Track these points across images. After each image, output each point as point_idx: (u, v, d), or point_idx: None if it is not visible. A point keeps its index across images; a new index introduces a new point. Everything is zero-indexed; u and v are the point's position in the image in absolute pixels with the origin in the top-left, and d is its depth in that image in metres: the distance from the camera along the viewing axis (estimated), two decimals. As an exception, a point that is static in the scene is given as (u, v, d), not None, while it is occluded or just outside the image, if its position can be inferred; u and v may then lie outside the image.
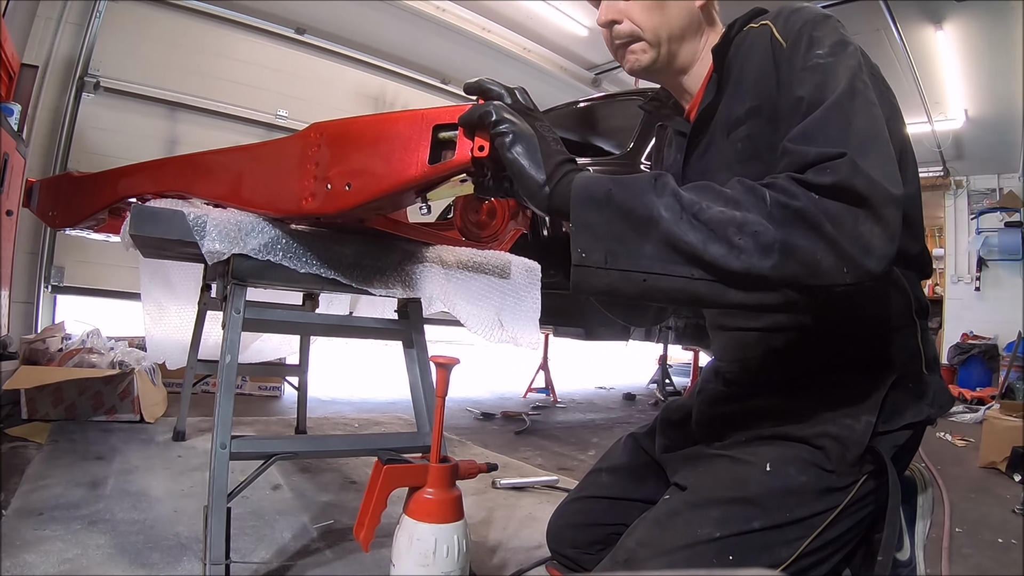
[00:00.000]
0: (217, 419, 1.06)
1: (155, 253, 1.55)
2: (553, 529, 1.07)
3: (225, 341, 1.10)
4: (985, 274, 6.11)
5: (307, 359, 2.24)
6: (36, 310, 3.22)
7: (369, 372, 4.27)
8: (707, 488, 0.81)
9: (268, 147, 1.18)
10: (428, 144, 0.80)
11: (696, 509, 0.79)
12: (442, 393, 0.97)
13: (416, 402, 1.31)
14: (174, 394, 2.52)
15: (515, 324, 1.28)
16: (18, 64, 2.60)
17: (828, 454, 0.78)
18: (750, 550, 0.75)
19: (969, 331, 6.10)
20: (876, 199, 0.60)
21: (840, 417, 0.78)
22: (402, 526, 0.94)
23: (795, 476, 0.77)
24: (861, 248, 0.60)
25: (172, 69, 3.64)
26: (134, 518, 1.36)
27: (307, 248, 1.12)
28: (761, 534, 0.75)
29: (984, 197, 6.12)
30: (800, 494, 0.77)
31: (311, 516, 1.47)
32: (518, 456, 2.32)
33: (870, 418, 0.77)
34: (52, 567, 1.10)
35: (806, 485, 0.77)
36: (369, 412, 2.97)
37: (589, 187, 0.67)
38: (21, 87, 2.58)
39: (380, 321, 1.38)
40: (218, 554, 1.00)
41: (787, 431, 0.81)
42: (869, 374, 0.81)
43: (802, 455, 0.79)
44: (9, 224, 2.26)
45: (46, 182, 1.90)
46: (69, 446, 1.86)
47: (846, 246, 0.60)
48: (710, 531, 0.75)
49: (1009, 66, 4.04)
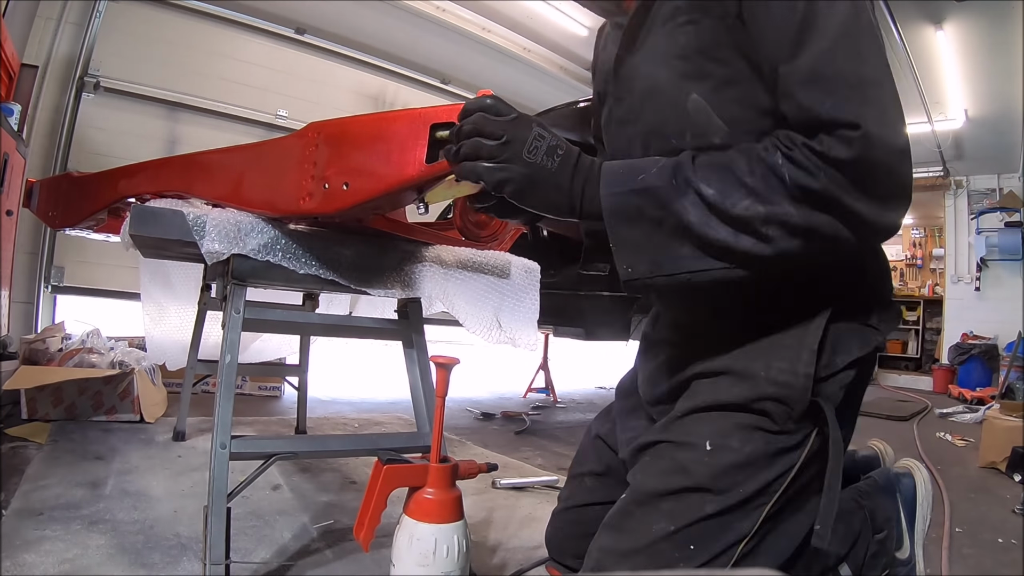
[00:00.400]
0: (217, 419, 1.06)
1: (155, 253, 1.55)
2: (553, 541, 1.05)
3: (225, 341, 1.10)
4: (985, 274, 6.12)
5: (307, 359, 2.24)
6: (36, 310, 3.22)
7: (369, 372, 4.27)
8: (653, 482, 0.78)
9: (266, 147, 1.18)
10: (425, 143, 0.80)
11: (646, 506, 0.77)
12: (442, 393, 0.97)
13: (416, 402, 1.30)
14: (174, 394, 2.52)
15: (514, 324, 1.28)
16: (18, 64, 2.60)
17: (771, 416, 0.74)
18: (709, 535, 0.73)
19: (969, 331, 6.10)
20: (891, 160, 0.62)
21: (778, 373, 0.74)
22: (402, 526, 0.94)
23: (739, 448, 0.74)
24: (879, 210, 0.63)
25: (172, 69, 3.64)
26: (134, 518, 1.36)
27: (306, 248, 1.12)
28: (718, 517, 0.73)
29: (984, 197, 6.12)
30: (749, 466, 0.73)
31: (311, 516, 1.47)
32: (518, 456, 2.32)
33: (808, 369, 0.73)
34: (52, 567, 1.10)
35: (753, 454, 0.74)
36: (369, 412, 2.97)
37: (618, 204, 0.70)
38: (21, 87, 2.58)
39: (380, 321, 1.38)
40: (218, 554, 1.00)
41: (723, 398, 0.77)
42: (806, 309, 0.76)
43: (743, 423, 0.75)
44: (9, 224, 2.26)
45: (46, 182, 1.91)
46: (69, 446, 1.86)
47: (866, 214, 0.62)
48: (664, 526, 0.73)
49: (1009, 66, 4.04)
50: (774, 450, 0.74)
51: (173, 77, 3.64)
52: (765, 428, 0.74)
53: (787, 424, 0.74)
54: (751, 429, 0.75)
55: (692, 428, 0.78)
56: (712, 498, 0.73)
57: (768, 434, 0.74)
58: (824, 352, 0.74)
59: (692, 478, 0.75)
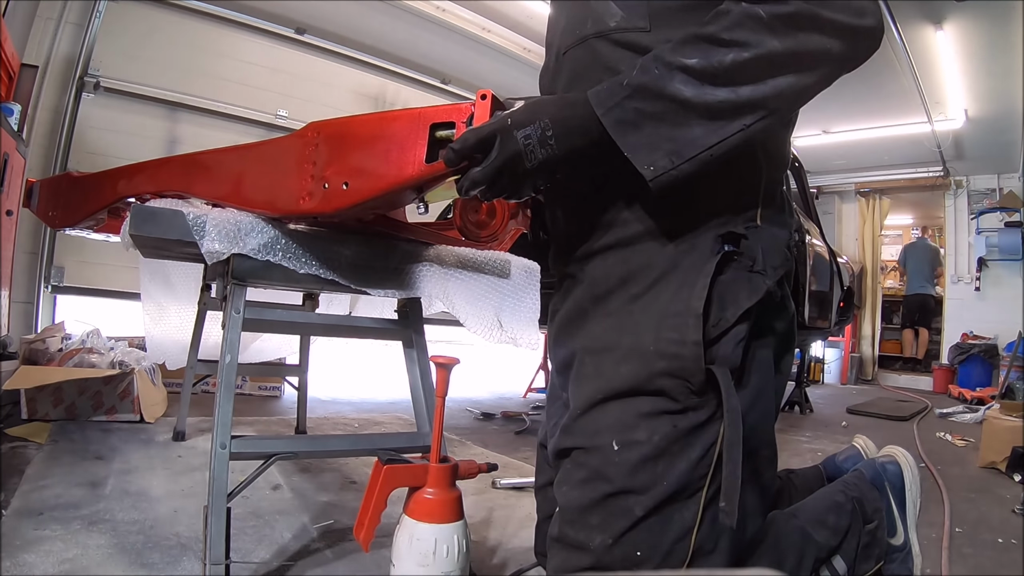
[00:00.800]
0: (217, 419, 1.06)
1: (155, 253, 1.55)
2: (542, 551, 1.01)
3: (225, 341, 1.10)
4: (985, 274, 6.12)
5: (307, 359, 2.24)
6: (36, 310, 3.22)
7: (369, 372, 4.27)
8: (576, 495, 0.75)
9: (266, 146, 1.18)
10: (425, 143, 0.80)
11: (577, 524, 0.73)
12: (442, 393, 0.97)
13: (416, 402, 1.30)
14: (174, 394, 2.52)
15: (514, 324, 1.28)
16: (18, 64, 2.60)
17: (670, 394, 0.71)
18: (651, 536, 0.70)
19: (969, 331, 6.11)
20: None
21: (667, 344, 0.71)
22: (402, 526, 0.94)
23: (647, 439, 0.70)
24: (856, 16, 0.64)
25: (172, 69, 3.64)
26: (134, 518, 1.36)
27: (306, 248, 1.12)
28: (653, 517, 0.70)
29: (984, 197, 6.13)
30: (663, 455, 0.70)
31: (311, 516, 1.47)
32: (518, 456, 2.32)
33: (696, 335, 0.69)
34: (52, 567, 1.10)
35: (663, 443, 0.70)
36: (369, 412, 2.97)
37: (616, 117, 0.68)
38: (21, 87, 2.57)
39: (380, 321, 1.38)
40: (218, 554, 1.00)
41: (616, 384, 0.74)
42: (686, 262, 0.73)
43: (644, 410, 0.72)
44: (9, 224, 2.26)
45: (46, 182, 1.90)
46: (69, 446, 1.86)
47: (846, 20, 0.64)
48: (603, 540, 0.71)
49: (1009, 66, 4.03)
50: (685, 431, 0.70)
51: (173, 77, 3.64)
52: (668, 410, 0.71)
53: (690, 399, 0.70)
54: (654, 415, 0.71)
55: (596, 427, 0.75)
56: (638, 499, 0.70)
57: (673, 415, 0.71)
58: (712, 309, 0.71)
59: (611, 483, 0.72)
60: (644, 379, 0.72)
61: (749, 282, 0.73)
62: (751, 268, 0.74)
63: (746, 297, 0.72)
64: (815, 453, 2.79)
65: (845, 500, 0.96)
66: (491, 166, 0.69)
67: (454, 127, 0.76)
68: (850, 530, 0.93)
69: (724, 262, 0.73)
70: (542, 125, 0.69)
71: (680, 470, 0.70)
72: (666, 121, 0.67)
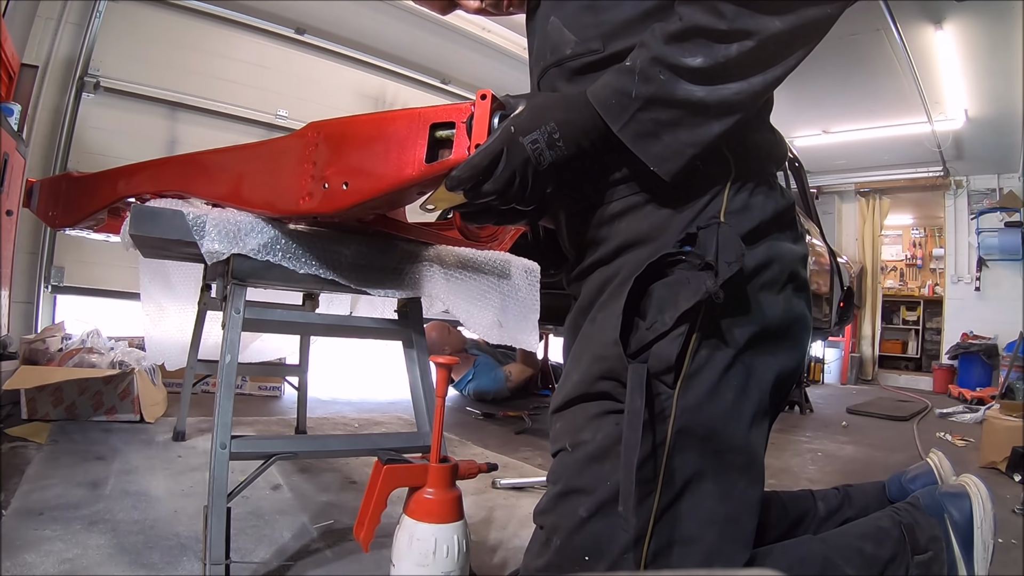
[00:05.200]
0: (217, 419, 1.06)
1: (155, 253, 1.55)
2: None
3: (225, 341, 1.10)
4: (985, 274, 6.12)
5: (307, 359, 2.24)
6: (36, 310, 3.22)
7: (369, 372, 4.27)
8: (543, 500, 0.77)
9: (266, 146, 1.18)
10: (425, 143, 0.79)
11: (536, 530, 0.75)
12: (442, 393, 0.97)
13: (416, 402, 1.30)
14: (174, 394, 2.52)
15: (514, 324, 1.28)
16: (18, 64, 2.60)
17: (612, 396, 0.71)
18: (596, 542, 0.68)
19: (969, 331, 6.11)
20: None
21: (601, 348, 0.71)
22: (402, 526, 0.94)
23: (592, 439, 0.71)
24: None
25: (172, 69, 3.64)
26: (134, 518, 1.36)
27: (306, 248, 1.12)
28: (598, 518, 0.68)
29: (984, 197, 6.13)
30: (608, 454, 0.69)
31: (311, 516, 1.47)
32: (518, 456, 2.32)
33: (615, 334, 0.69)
34: (52, 567, 1.10)
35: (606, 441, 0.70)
36: (369, 412, 2.97)
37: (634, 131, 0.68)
38: (21, 87, 2.58)
39: (380, 321, 1.38)
40: (218, 554, 1.00)
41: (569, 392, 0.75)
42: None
43: (591, 412, 0.72)
44: (9, 224, 2.26)
45: (46, 182, 1.90)
46: (69, 446, 1.86)
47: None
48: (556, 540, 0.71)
49: (1009, 66, 4.04)
50: None
51: (173, 77, 3.64)
52: (612, 410, 0.71)
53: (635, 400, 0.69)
54: (600, 416, 0.72)
55: (555, 433, 0.78)
56: (584, 499, 0.70)
57: (617, 415, 0.70)
58: (649, 312, 0.70)
59: (561, 482, 0.73)
60: (588, 383, 0.74)
61: (690, 283, 0.69)
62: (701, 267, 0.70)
63: (685, 299, 0.68)
64: (815, 453, 2.80)
65: (891, 526, 0.84)
66: (501, 176, 0.69)
67: (454, 127, 0.76)
68: (893, 561, 0.80)
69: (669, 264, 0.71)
70: (548, 129, 0.69)
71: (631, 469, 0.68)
72: (683, 125, 0.68)
